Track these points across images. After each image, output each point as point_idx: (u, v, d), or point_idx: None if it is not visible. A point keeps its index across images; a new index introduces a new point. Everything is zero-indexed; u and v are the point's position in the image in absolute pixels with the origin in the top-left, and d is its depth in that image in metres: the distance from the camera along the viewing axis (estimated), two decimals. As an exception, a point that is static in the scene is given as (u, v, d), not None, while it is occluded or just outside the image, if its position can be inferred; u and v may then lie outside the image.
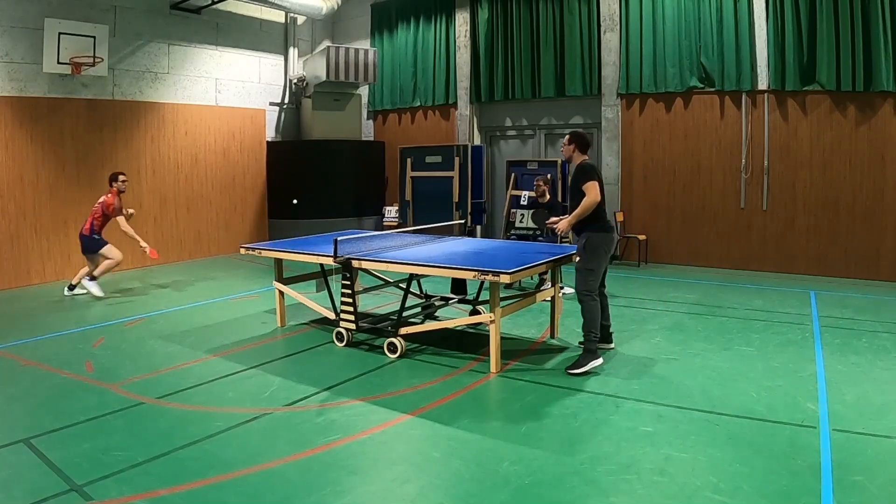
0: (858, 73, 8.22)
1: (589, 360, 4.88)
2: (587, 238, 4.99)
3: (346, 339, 5.62)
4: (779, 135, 8.99)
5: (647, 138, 9.99)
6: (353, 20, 13.00)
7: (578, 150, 5.13)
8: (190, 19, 10.64)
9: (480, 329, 5.97)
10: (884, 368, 4.90)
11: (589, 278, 4.97)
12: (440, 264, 5.03)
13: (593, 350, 4.93)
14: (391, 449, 3.67)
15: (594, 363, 4.89)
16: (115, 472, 3.33)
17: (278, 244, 6.68)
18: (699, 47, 9.37)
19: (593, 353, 4.93)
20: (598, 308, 5.00)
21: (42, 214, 8.81)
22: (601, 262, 5.02)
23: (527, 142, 11.45)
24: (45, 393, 4.58)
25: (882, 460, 3.40)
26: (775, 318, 6.47)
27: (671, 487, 3.14)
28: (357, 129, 12.41)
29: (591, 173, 5.00)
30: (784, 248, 9.05)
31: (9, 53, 8.41)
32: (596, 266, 4.99)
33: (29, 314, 7.05)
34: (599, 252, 4.99)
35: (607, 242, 5.05)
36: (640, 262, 9.90)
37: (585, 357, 4.91)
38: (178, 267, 10.06)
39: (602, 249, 5.00)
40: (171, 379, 4.87)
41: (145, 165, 10.10)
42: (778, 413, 4.06)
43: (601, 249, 5.00)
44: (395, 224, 11.36)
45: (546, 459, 3.47)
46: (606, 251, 5.05)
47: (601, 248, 4.99)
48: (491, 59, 11.30)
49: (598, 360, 4.92)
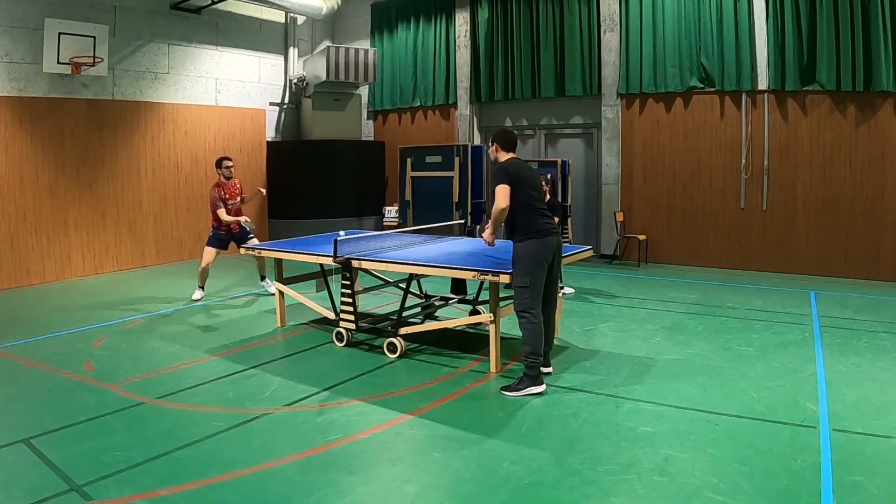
0: (858, 73, 8.22)
1: (526, 386, 4.35)
2: (514, 248, 4.43)
3: (346, 339, 5.62)
4: (779, 135, 8.99)
5: (647, 138, 9.99)
6: (353, 20, 13.00)
7: (501, 148, 4.58)
8: (190, 19, 10.64)
9: (480, 329, 5.98)
10: (884, 368, 4.90)
11: (523, 295, 4.36)
12: (440, 264, 5.03)
13: (533, 375, 4.36)
14: (391, 449, 3.66)
15: (532, 389, 4.34)
16: (115, 472, 3.33)
17: (278, 244, 6.68)
18: (699, 47, 9.37)
19: (533, 378, 4.36)
20: (540, 328, 4.39)
21: (42, 214, 8.81)
22: (535, 274, 4.36)
23: (527, 142, 11.45)
24: (45, 393, 4.58)
25: (882, 460, 3.40)
26: (775, 318, 6.47)
27: (671, 487, 3.14)
28: (357, 129, 12.41)
29: (501, 175, 4.37)
30: (784, 248, 9.04)
31: (9, 53, 8.41)
32: (529, 281, 4.35)
33: (29, 314, 7.05)
34: (528, 264, 4.35)
35: (540, 251, 4.36)
36: (640, 262, 9.91)
37: (523, 381, 4.38)
38: (178, 267, 10.06)
39: (533, 260, 4.35)
40: (171, 379, 4.87)
41: (145, 165, 10.09)
42: (778, 413, 4.06)
43: (531, 260, 4.35)
44: (395, 224, 11.36)
45: (546, 459, 3.47)
46: (541, 261, 4.37)
47: (530, 258, 4.35)
48: (491, 59, 11.30)
49: (538, 388, 4.35)
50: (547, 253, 4.41)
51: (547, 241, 4.42)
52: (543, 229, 4.42)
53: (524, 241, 4.38)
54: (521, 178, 4.42)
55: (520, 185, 4.39)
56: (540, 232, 4.40)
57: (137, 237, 9.99)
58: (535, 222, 4.40)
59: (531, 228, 4.39)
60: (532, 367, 4.37)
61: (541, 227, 4.41)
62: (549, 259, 4.44)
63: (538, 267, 4.38)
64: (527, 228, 4.39)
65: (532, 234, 4.38)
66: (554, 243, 4.48)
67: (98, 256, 9.47)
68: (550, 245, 4.44)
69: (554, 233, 4.50)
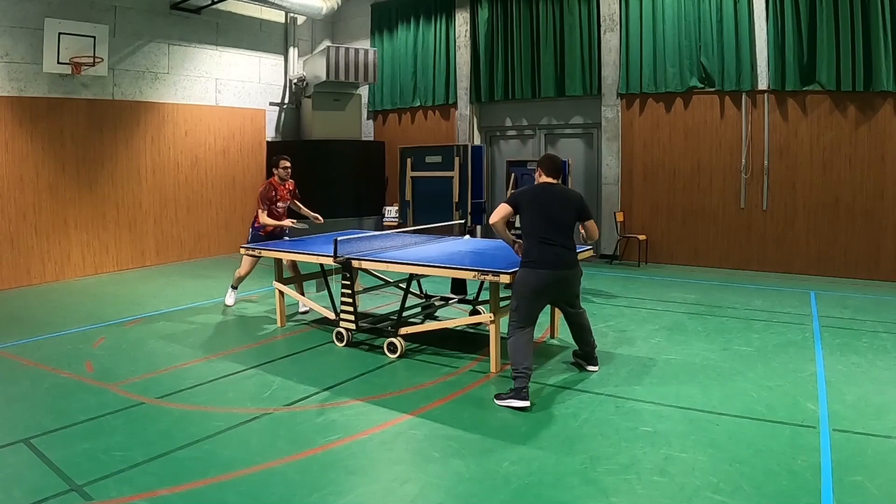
0: (858, 73, 8.22)
1: (509, 398, 4.21)
2: (516, 273, 4.49)
3: (346, 339, 5.62)
4: (779, 135, 8.99)
5: (647, 138, 9.99)
6: (353, 20, 13.00)
7: (543, 172, 4.56)
8: (190, 19, 10.64)
9: (480, 329, 5.98)
10: (884, 368, 4.90)
11: (511, 316, 4.42)
12: (440, 264, 5.03)
13: (517, 388, 4.19)
14: (391, 449, 3.67)
15: (513, 402, 4.17)
16: (115, 472, 3.33)
17: (278, 244, 6.68)
18: (699, 47, 9.37)
19: (517, 391, 4.18)
20: (522, 344, 4.30)
21: (42, 214, 8.81)
22: (524, 300, 4.36)
23: (527, 142, 11.45)
24: (45, 393, 4.58)
25: (882, 460, 3.40)
26: (775, 318, 6.47)
27: (671, 487, 3.14)
28: (357, 129, 12.41)
29: (509, 196, 4.59)
30: (784, 248, 9.04)
31: (9, 53, 8.41)
32: (518, 305, 4.37)
33: (29, 314, 7.05)
34: (519, 289, 4.37)
35: (530, 282, 4.34)
36: (640, 262, 9.91)
37: (510, 392, 4.25)
38: (178, 267, 10.06)
39: (523, 286, 4.35)
40: (171, 379, 4.87)
41: (145, 165, 10.09)
42: (778, 413, 4.06)
43: (522, 286, 4.36)
44: (395, 224, 11.36)
45: (546, 459, 3.47)
46: (534, 291, 4.35)
47: (521, 285, 4.36)
48: (491, 59, 11.30)
49: (520, 402, 4.15)
50: (539, 285, 4.35)
51: (540, 274, 4.34)
52: (541, 260, 4.34)
53: (522, 268, 4.44)
54: (532, 204, 4.43)
55: (527, 211, 4.43)
56: (534, 263, 4.35)
57: (137, 237, 9.99)
58: (534, 252, 4.37)
59: (528, 257, 4.40)
60: (515, 379, 4.23)
61: (539, 258, 4.35)
62: (544, 290, 4.40)
63: (530, 295, 4.36)
64: (526, 256, 4.42)
65: (528, 263, 4.40)
66: (549, 278, 4.36)
67: (98, 256, 9.47)
68: (543, 278, 4.35)
69: (557, 266, 4.37)
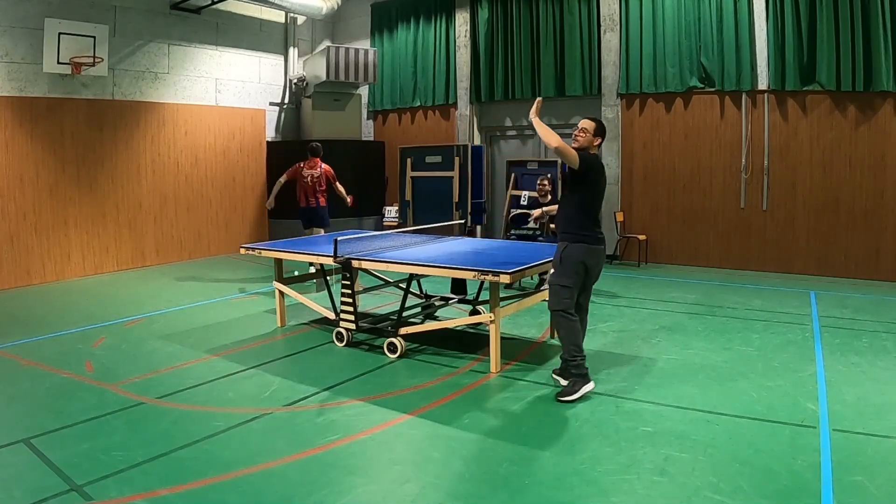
0: (858, 73, 8.22)
1: (581, 386, 4.28)
2: (564, 247, 4.39)
3: (346, 339, 5.61)
4: (779, 135, 8.99)
5: (647, 138, 9.99)
6: (353, 20, 12.99)
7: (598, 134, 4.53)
8: (190, 19, 10.64)
9: (480, 329, 5.97)
10: (884, 368, 4.90)
11: (563, 296, 4.34)
12: (440, 264, 5.03)
13: (582, 374, 4.30)
14: (391, 449, 3.67)
15: (587, 388, 4.29)
16: (115, 472, 3.33)
17: (278, 244, 6.68)
18: (699, 47, 9.37)
19: (583, 376, 4.30)
20: (577, 326, 4.37)
21: (42, 214, 8.81)
22: (578, 277, 4.36)
23: (527, 142, 11.45)
24: (45, 393, 4.58)
25: (882, 460, 3.40)
26: (775, 318, 6.47)
27: (671, 487, 3.14)
28: (357, 129, 12.41)
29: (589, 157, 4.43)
30: (784, 248, 9.04)
31: (9, 53, 8.41)
32: (571, 283, 4.35)
33: (29, 314, 7.05)
34: (574, 267, 4.34)
35: (588, 257, 4.36)
36: (640, 262, 9.90)
37: (577, 383, 4.29)
38: (178, 267, 10.06)
39: (579, 265, 4.34)
40: (171, 379, 4.86)
41: (145, 165, 10.09)
42: (778, 413, 4.06)
43: (578, 265, 4.34)
44: (395, 224, 11.36)
45: (546, 459, 3.47)
46: (587, 268, 4.38)
47: (578, 263, 4.34)
48: (491, 59, 11.30)
49: (590, 385, 4.31)
50: (594, 261, 4.43)
51: (598, 250, 4.45)
52: (599, 237, 4.47)
53: (579, 242, 4.36)
54: (601, 180, 4.51)
55: (594, 185, 4.44)
56: (595, 237, 4.43)
57: (137, 237, 9.99)
58: (591, 227, 4.42)
59: (589, 231, 4.40)
60: (578, 365, 4.31)
61: (596, 234, 4.45)
62: (593, 268, 4.46)
63: (582, 272, 4.39)
64: (582, 230, 4.38)
65: (587, 238, 4.38)
66: (600, 255, 4.50)
67: (98, 256, 9.47)
68: (595, 254, 4.43)
69: (603, 243, 4.52)
